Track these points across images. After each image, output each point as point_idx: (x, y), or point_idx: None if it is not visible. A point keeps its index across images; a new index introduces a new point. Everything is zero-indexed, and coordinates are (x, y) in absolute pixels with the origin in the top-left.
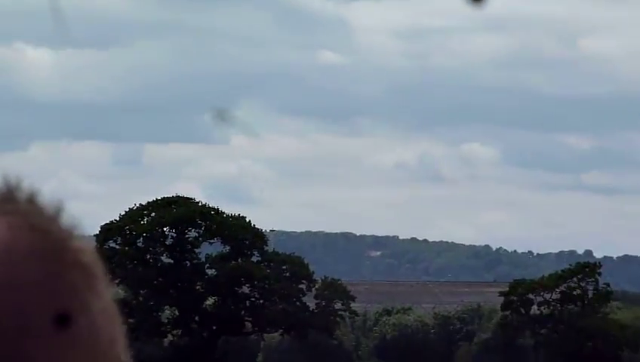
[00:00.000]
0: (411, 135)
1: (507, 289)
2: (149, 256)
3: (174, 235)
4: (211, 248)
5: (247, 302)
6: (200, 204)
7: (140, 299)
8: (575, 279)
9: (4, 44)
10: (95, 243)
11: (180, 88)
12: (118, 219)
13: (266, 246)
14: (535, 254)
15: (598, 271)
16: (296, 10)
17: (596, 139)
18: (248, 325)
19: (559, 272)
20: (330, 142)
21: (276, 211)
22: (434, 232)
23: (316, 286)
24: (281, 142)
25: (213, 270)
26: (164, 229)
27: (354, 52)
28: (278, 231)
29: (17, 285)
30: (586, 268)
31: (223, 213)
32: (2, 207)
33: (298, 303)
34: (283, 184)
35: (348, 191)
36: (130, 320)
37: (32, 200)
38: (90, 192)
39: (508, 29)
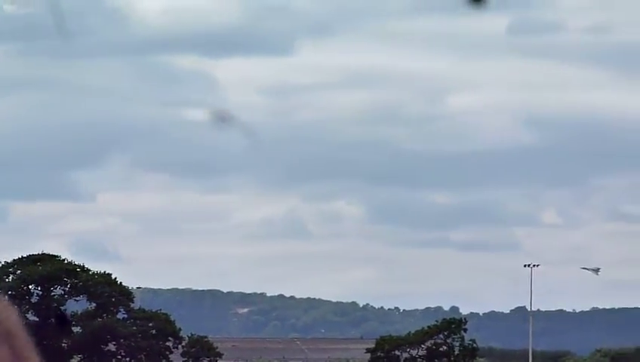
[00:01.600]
0: (278, 191)
1: (374, 345)
2: None
3: (40, 293)
4: (77, 305)
5: (114, 359)
6: (66, 261)
7: None
8: (442, 335)
9: None
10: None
11: (46, 144)
12: None
13: (132, 303)
14: (402, 310)
15: (464, 327)
16: (162, 66)
17: (460, 196)
18: None
19: (425, 328)
20: (197, 198)
21: (142, 268)
22: (301, 289)
23: (183, 344)
24: (148, 198)
25: (79, 327)
26: (30, 287)
27: (219, 108)
28: (144, 289)
29: None
30: (452, 324)
31: (89, 270)
32: None
33: (165, 361)
34: (149, 240)
35: (215, 248)
36: None
37: None
38: None
39: (371, 85)
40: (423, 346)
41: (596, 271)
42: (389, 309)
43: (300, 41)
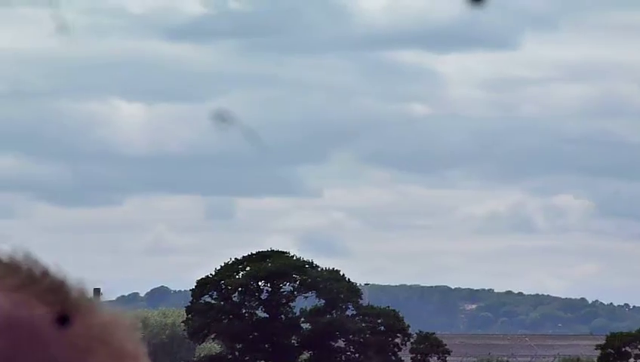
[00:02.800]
0: (502, 185)
1: (604, 341)
2: (244, 311)
3: (269, 289)
4: (306, 302)
5: (343, 356)
6: (294, 258)
7: (236, 353)
8: None
9: (99, 98)
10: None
11: (271, 140)
12: (213, 273)
13: (361, 299)
14: (632, 307)
15: None
16: (385, 62)
17: None
18: None
19: None
20: (422, 193)
21: (369, 264)
22: (529, 284)
23: (411, 340)
24: (373, 193)
25: (308, 324)
26: (259, 283)
27: (442, 103)
28: (372, 285)
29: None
30: None
31: (317, 266)
32: (25, 287)
33: (393, 357)
34: (375, 236)
35: (441, 243)
36: None
37: (57, 283)
38: (184, 246)
39: (595, 78)
40: None
41: None
42: (618, 305)
43: (522, 35)
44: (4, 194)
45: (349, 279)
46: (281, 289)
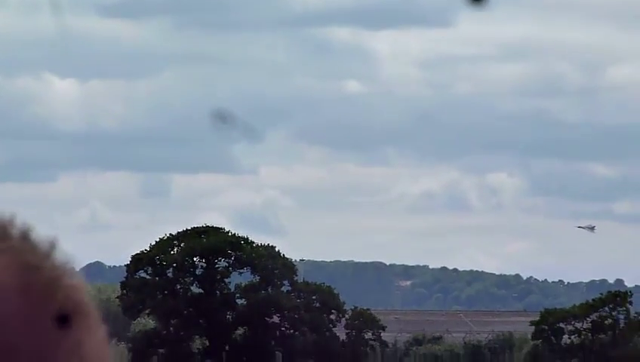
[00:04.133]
0: (437, 163)
1: (538, 318)
2: (179, 287)
3: (204, 265)
4: (241, 278)
5: (278, 332)
6: (229, 234)
7: (171, 329)
8: (606, 308)
9: (31, 74)
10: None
11: (205, 118)
12: (148, 249)
13: (296, 276)
14: (566, 283)
15: (630, 300)
16: (319, 39)
17: (622, 168)
18: (278, 355)
19: (590, 301)
20: (357, 171)
21: (304, 241)
22: (463, 261)
23: (346, 317)
24: (308, 172)
25: (243, 300)
26: (194, 259)
27: (377, 81)
28: (307, 261)
29: (6, 323)
30: (617, 297)
31: (253, 242)
32: None
33: (328, 333)
34: (310, 213)
35: (376, 220)
36: (161, 351)
37: (24, 237)
38: (119, 222)
39: (530, 57)
40: (587, 319)
41: (592, 228)
42: (552, 282)
43: (457, 13)
44: None
45: (284, 255)
46: (217, 266)
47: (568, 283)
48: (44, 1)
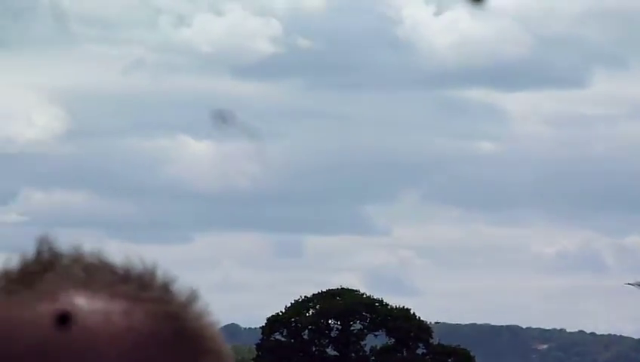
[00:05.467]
0: (571, 224)
1: None
2: (314, 349)
3: (339, 327)
4: (376, 340)
5: None
6: (364, 296)
7: None
8: None
9: (167, 135)
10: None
11: (337, 178)
12: (283, 310)
13: (431, 338)
14: None
15: None
16: (452, 99)
17: None
18: None
19: None
20: (491, 231)
21: (439, 302)
22: (601, 325)
23: None
24: (442, 232)
25: None
26: (329, 321)
27: (510, 141)
28: (442, 324)
29: None
30: None
31: (387, 304)
32: (138, 294)
33: None
34: (445, 274)
35: (511, 282)
36: None
37: (167, 287)
38: (253, 283)
39: None
40: None
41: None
42: None
43: (591, 73)
44: (75, 231)
45: (419, 317)
46: (351, 328)
47: None
48: (181, 63)
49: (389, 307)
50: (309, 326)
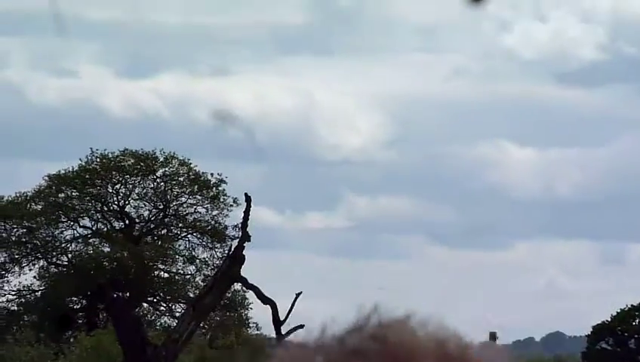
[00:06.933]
0: None
1: None
2: (639, 357)
3: None
4: None
5: None
6: None
7: None
8: None
9: (489, 142)
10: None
11: None
12: (609, 319)
13: None
14: None
15: None
16: None
17: None
18: None
19: None
20: None
21: None
22: None
23: None
24: None
25: None
26: None
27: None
28: None
29: None
30: None
31: None
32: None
33: None
34: None
35: None
36: None
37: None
38: (578, 291)
39: None
40: None
41: None
42: None
43: None
44: (397, 237)
45: None
46: None
47: None
48: (503, 70)
49: None
50: (635, 335)
